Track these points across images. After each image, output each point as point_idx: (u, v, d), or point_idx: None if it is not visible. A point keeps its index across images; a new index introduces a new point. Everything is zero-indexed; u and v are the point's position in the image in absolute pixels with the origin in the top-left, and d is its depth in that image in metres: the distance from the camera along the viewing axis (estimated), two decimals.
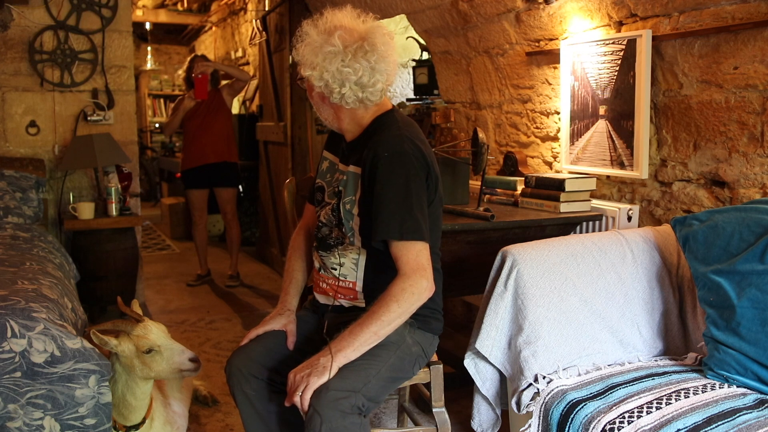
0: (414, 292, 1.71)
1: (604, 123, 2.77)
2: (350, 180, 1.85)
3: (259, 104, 6.12)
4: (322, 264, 1.95)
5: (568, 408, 1.78)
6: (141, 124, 9.53)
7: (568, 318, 2.02)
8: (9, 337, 1.92)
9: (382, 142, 1.79)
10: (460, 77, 3.76)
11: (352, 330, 1.70)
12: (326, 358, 1.67)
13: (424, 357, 1.92)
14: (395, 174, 1.75)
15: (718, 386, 1.83)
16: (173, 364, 1.98)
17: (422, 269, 1.73)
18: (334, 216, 1.89)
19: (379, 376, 1.74)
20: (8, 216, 3.52)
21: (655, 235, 2.23)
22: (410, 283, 1.71)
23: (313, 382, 1.63)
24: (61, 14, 4.06)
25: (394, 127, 1.83)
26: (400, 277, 1.72)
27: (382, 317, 1.69)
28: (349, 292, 1.91)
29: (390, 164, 1.75)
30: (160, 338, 1.98)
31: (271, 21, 5.52)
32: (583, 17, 2.84)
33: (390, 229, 1.72)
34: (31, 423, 1.94)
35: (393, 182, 1.74)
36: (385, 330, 1.71)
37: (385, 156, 1.75)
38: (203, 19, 8.72)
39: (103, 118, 4.21)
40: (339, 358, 1.67)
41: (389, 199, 1.73)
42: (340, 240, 1.89)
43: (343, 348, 1.68)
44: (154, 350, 1.97)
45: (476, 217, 2.50)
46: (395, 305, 1.69)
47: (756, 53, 2.19)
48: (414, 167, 1.77)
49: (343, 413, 1.62)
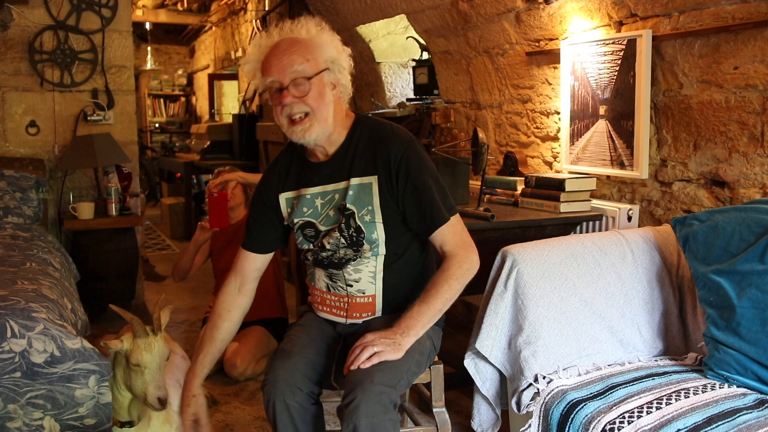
0: (469, 268, 1.77)
1: (604, 123, 2.77)
2: (361, 192, 1.80)
3: (259, 104, 6.13)
4: (330, 283, 1.90)
5: (568, 408, 1.78)
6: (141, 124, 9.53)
7: (568, 318, 2.02)
8: (9, 337, 1.92)
9: (389, 139, 1.81)
10: (460, 77, 3.76)
11: (419, 310, 1.72)
12: (402, 336, 1.67)
13: (435, 351, 1.93)
14: (424, 160, 1.81)
15: (718, 386, 1.82)
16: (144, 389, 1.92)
17: (469, 243, 1.80)
18: (344, 236, 1.82)
19: (409, 372, 1.74)
20: (8, 216, 3.52)
21: (655, 235, 2.23)
22: (464, 260, 1.77)
23: (389, 353, 1.65)
24: (61, 14, 4.06)
25: (383, 124, 1.87)
26: (454, 256, 1.77)
27: (445, 295, 1.73)
28: (365, 308, 1.87)
29: (415, 153, 1.80)
30: (151, 362, 1.93)
31: (271, 21, 5.53)
32: (583, 17, 2.84)
33: (442, 213, 1.78)
34: (31, 423, 1.94)
35: (424, 168, 1.79)
36: (446, 307, 1.75)
37: (405, 148, 1.79)
38: (203, 19, 8.72)
39: (103, 118, 4.21)
40: (411, 336, 1.69)
41: (430, 186, 1.78)
42: (352, 257, 1.84)
43: (413, 326, 1.70)
44: (140, 368, 1.94)
45: (476, 217, 2.50)
46: (455, 282, 1.74)
47: (756, 53, 2.19)
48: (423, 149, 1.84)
49: (385, 408, 1.60)
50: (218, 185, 3.04)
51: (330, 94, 1.79)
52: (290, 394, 1.78)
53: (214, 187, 3.04)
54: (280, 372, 1.81)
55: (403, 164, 1.78)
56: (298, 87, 1.74)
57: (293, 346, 1.87)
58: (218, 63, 8.51)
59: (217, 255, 3.58)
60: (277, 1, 5.35)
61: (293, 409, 1.79)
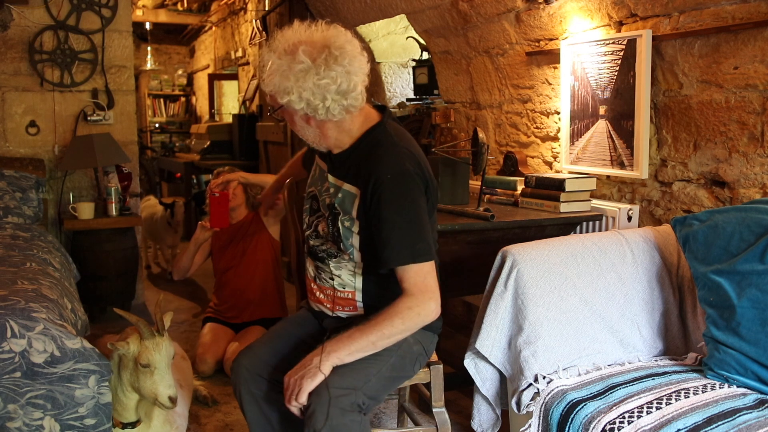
0: (420, 313, 1.68)
1: (604, 123, 2.77)
2: (346, 199, 1.79)
3: (259, 104, 6.13)
4: (316, 273, 1.93)
5: (568, 408, 1.78)
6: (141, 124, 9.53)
7: (568, 318, 2.02)
8: (9, 337, 1.92)
9: (382, 162, 1.72)
10: (460, 77, 3.76)
11: (351, 334, 1.69)
12: (318, 358, 1.66)
13: (425, 355, 1.92)
14: (401, 197, 1.69)
15: (718, 386, 1.82)
16: (154, 390, 1.96)
17: (431, 291, 1.70)
18: (329, 230, 1.84)
19: (380, 375, 1.74)
20: (8, 216, 3.52)
21: (655, 235, 2.23)
22: (417, 303, 1.68)
23: (306, 384, 1.63)
24: (61, 14, 4.06)
25: (390, 144, 1.76)
26: (408, 296, 1.68)
27: (383, 330, 1.67)
28: (347, 303, 1.89)
29: (394, 187, 1.69)
30: (160, 362, 1.97)
31: (271, 21, 5.52)
32: (583, 17, 2.84)
33: (402, 255, 1.68)
34: (30, 423, 1.94)
35: (399, 206, 1.69)
36: (383, 342, 1.69)
37: (388, 178, 1.69)
38: (203, 19, 8.72)
39: (103, 118, 4.21)
40: (332, 359, 1.66)
41: (398, 224, 1.68)
42: (334, 253, 1.85)
43: (338, 349, 1.67)
44: (149, 368, 1.96)
45: (476, 217, 2.50)
46: (399, 321, 1.67)
47: (756, 53, 2.19)
48: (417, 186, 1.72)
49: (342, 410, 1.62)
50: (220, 185, 3.04)
51: (303, 123, 1.76)
52: (253, 382, 1.83)
53: (215, 187, 3.03)
54: (242, 361, 1.87)
55: (377, 193, 1.70)
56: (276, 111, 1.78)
57: (262, 337, 1.93)
58: (218, 63, 8.51)
59: (217, 255, 3.59)
60: (277, 1, 5.35)
61: (259, 397, 1.84)
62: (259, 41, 5.80)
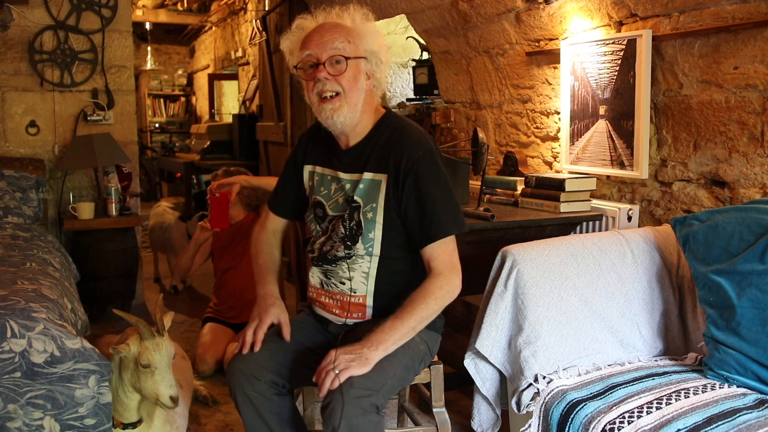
0: (450, 290, 1.77)
1: (604, 123, 2.77)
2: (368, 187, 1.82)
3: (259, 104, 6.13)
4: (324, 279, 1.92)
5: (568, 408, 1.78)
6: (141, 124, 9.54)
7: (568, 318, 2.02)
8: (9, 337, 1.92)
9: (410, 142, 1.81)
10: (460, 77, 3.76)
11: (392, 324, 1.70)
12: (369, 350, 1.66)
13: (430, 355, 1.92)
14: (436, 172, 1.79)
15: (718, 386, 1.83)
16: (156, 390, 1.96)
17: (456, 267, 1.80)
18: (347, 226, 1.84)
19: (396, 376, 1.75)
20: (8, 216, 3.52)
21: (655, 235, 2.23)
22: (447, 281, 1.76)
23: (354, 368, 1.63)
24: (61, 14, 4.06)
25: (409, 126, 1.86)
26: (437, 275, 1.76)
27: (421, 313, 1.72)
28: (359, 309, 1.88)
29: (427, 164, 1.79)
30: (160, 362, 1.97)
31: (271, 21, 5.52)
32: (583, 17, 2.84)
33: (449, 226, 1.78)
34: (30, 423, 1.94)
35: (437, 180, 1.79)
36: (420, 326, 1.74)
37: (420, 155, 1.78)
38: (203, 19, 8.73)
39: (103, 118, 4.21)
40: (380, 351, 1.68)
41: (439, 198, 1.78)
42: (347, 254, 1.85)
43: (384, 341, 1.68)
44: (150, 369, 1.96)
45: (476, 217, 2.50)
46: (433, 302, 1.73)
47: (756, 53, 2.19)
48: (441, 162, 1.84)
49: (364, 411, 1.61)
50: (220, 186, 3.02)
51: (364, 82, 1.81)
52: (248, 384, 1.82)
53: (216, 187, 2.99)
54: (236, 363, 1.87)
55: (412, 171, 1.78)
56: (334, 65, 1.77)
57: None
58: (218, 63, 8.52)
59: (217, 255, 3.60)
60: (277, 1, 5.35)
61: (255, 399, 1.83)
62: (259, 41, 5.80)
